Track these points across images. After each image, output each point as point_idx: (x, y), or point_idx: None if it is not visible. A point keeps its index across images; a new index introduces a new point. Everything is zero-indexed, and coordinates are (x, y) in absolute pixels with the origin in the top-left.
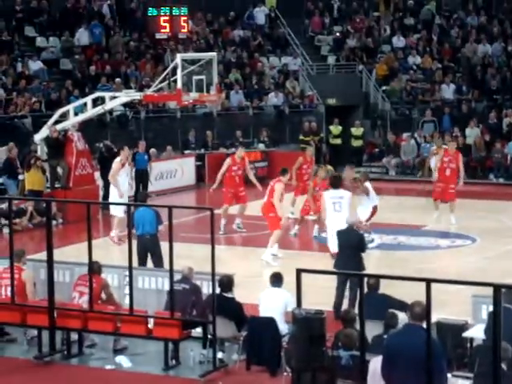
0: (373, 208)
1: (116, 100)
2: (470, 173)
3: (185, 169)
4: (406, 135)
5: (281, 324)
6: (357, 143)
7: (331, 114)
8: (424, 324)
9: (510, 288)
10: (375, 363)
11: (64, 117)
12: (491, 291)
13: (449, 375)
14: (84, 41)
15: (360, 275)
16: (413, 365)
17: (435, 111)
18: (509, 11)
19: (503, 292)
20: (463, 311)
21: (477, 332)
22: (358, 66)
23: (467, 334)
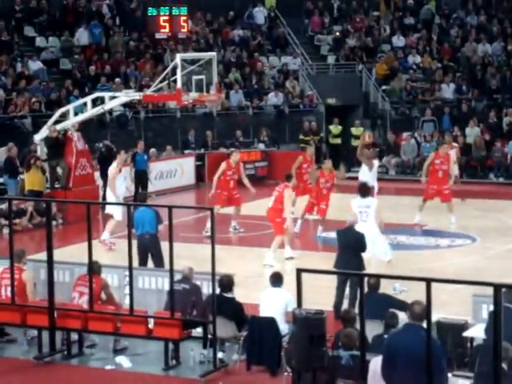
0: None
1: (116, 100)
2: (470, 172)
3: (185, 169)
4: (406, 135)
5: (281, 324)
6: (357, 143)
7: (331, 114)
8: (424, 324)
9: (511, 287)
10: (375, 363)
11: (64, 117)
12: (491, 291)
13: (449, 375)
14: (84, 41)
15: (360, 275)
16: (413, 364)
17: (435, 111)
18: (508, 10)
19: (503, 291)
20: (463, 311)
21: (477, 331)
22: (358, 66)
23: (467, 334)
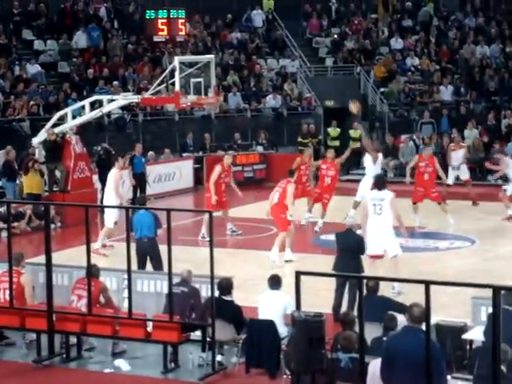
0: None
1: (114, 103)
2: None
3: (183, 171)
4: (405, 137)
5: (280, 327)
6: (355, 145)
7: (329, 116)
8: (423, 326)
9: (510, 290)
10: (374, 365)
11: (62, 120)
12: (490, 293)
13: (448, 377)
14: (82, 44)
15: (359, 277)
16: (412, 367)
17: (433, 113)
18: (507, 13)
19: (502, 294)
20: (462, 313)
21: (476, 334)
22: (356, 68)
23: (467, 336)
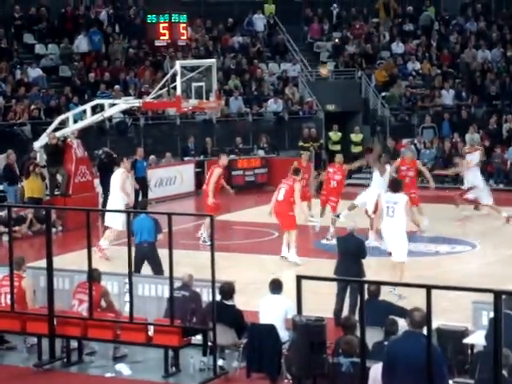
0: (378, 196)
1: (115, 107)
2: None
3: (184, 176)
4: (406, 141)
5: (281, 331)
6: (356, 149)
7: (330, 121)
8: (424, 331)
9: (511, 294)
10: (376, 370)
11: (63, 124)
12: (492, 297)
13: (450, 382)
14: (83, 48)
15: (360, 282)
16: (413, 372)
17: (435, 117)
18: (508, 17)
19: (504, 298)
20: (463, 318)
21: (477, 338)
22: (358, 72)
23: (468, 341)
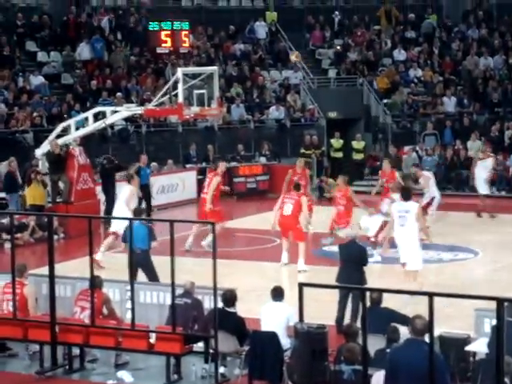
0: (383, 221)
1: (117, 114)
2: (472, 186)
3: (186, 183)
4: (408, 148)
5: (283, 338)
6: (358, 156)
7: (332, 128)
8: (426, 338)
9: None
10: (378, 378)
11: (65, 131)
12: (494, 305)
13: None
14: (85, 55)
15: (362, 289)
16: (416, 379)
17: (437, 124)
18: (510, 24)
19: (506, 306)
20: (466, 325)
21: (480, 346)
22: (359, 80)
23: (470, 348)
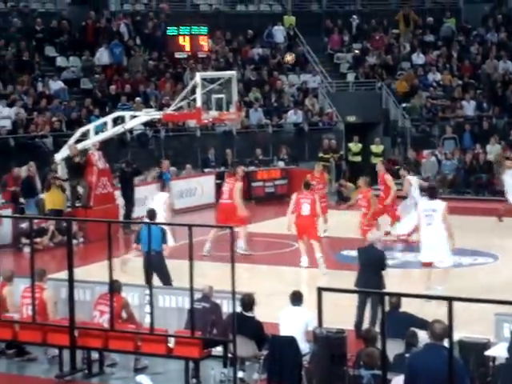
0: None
1: (136, 119)
2: (492, 190)
3: (204, 187)
4: (427, 152)
5: (302, 343)
6: (377, 160)
7: (351, 132)
8: (445, 343)
9: None
10: (397, 382)
11: (84, 136)
12: None
13: None
14: (104, 60)
15: (381, 293)
16: None
17: (456, 128)
18: None
19: None
20: (486, 330)
21: (499, 350)
22: (378, 83)
23: (490, 353)
